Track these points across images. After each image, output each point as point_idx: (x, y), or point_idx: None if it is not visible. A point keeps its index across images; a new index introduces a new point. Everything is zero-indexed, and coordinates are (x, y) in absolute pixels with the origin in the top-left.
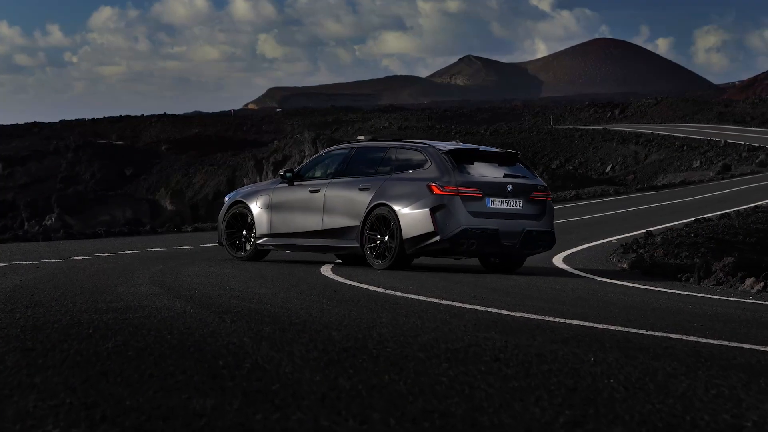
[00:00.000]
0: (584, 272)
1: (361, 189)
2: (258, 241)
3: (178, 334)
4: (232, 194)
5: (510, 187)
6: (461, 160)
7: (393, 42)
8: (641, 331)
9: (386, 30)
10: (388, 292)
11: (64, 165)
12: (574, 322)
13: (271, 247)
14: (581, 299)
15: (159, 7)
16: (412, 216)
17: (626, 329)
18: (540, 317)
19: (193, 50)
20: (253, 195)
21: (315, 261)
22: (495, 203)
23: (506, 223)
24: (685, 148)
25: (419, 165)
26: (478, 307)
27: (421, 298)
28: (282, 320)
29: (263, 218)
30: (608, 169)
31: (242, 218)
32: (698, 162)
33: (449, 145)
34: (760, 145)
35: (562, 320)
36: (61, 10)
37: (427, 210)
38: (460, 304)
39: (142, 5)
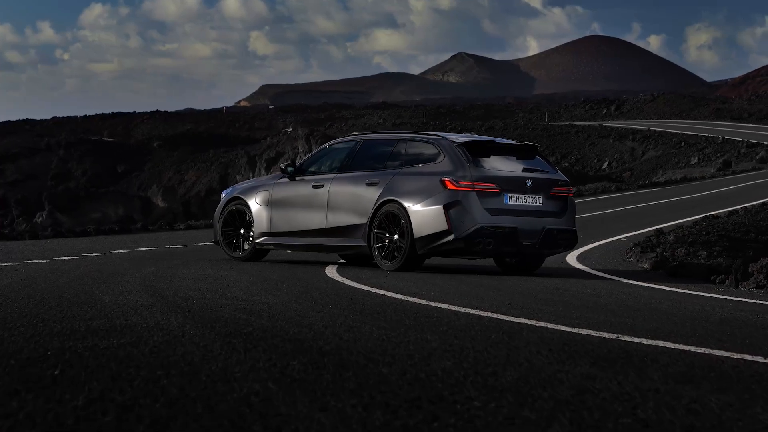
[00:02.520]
0: (606, 273)
1: (369, 184)
2: (257, 241)
3: (177, 375)
4: (228, 190)
5: (529, 182)
6: (477, 153)
7: (385, 39)
8: (758, 359)
9: (378, 27)
10: (411, 300)
11: (55, 162)
12: (661, 343)
13: (270, 247)
14: (630, 308)
15: (149, 4)
16: (424, 213)
17: (738, 356)
18: (612, 335)
19: (184, 48)
20: (251, 191)
21: (317, 261)
22: (513, 199)
23: (525, 220)
24: (682, 144)
25: (431, 159)
26: (527, 321)
27: (452, 308)
28: (308, 347)
29: (262, 216)
30: (605, 165)
31: (240, 216)
32: (696, 159)
33: (463, 137)
34: (758, 142)
35: (644, 341)
36: (51, 7)
37: (440, 207)
38: (504, 317)
39: (133, 2)
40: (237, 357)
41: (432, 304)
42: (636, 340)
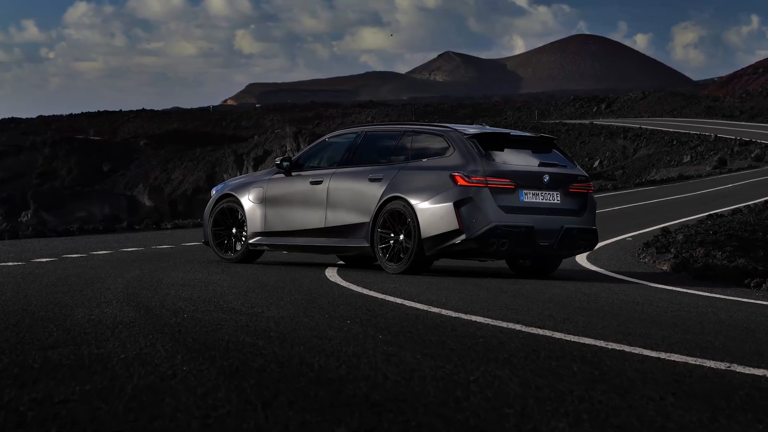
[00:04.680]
0: (627, 276)
1: (372, 180)
2: (250, 241)
3: None
4: (219, 186)
5: (547, 178)
6: (489, 146)
7: (371, 38)
8: None
9: (363, 26)
10: (435, 311)
11: (40, 160)
12: None
13: (265, 248)
14: (691, 321)
15: (134, 2)
16: (432, 211)
17: None
18: (720, 365)
19: (169, 46)
20: (244, 187)
21: (314, 263)
22: (529, 196)
23: (542, 219)
24: (674, 142)
25: (440, 152)
26: (595, 342)
27: (490, 322)
28: (350, 395)
29: (256, 214)
30: (596, 164)
31: (232, 214)
32: (689, 157)
33: (474, 129)
34: (751, 140)
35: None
36: (35, 6)
37: (450, 204)
38: (561, 335)
39: (117, 0)
40: (254, 419)
41: (463, 316)
42: (757, 372)
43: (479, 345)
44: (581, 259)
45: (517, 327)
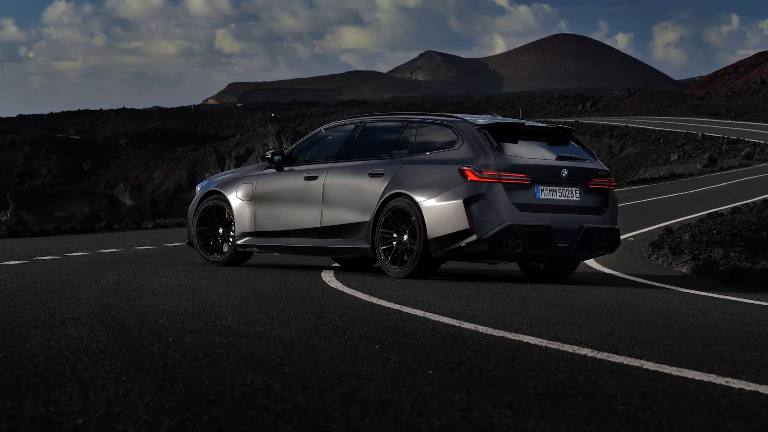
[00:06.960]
0: (645, 279)
1: (372, 175)
2: (238, 242)
3: None
4: (205, 183)
5: (565, 173)
6: (502, 137)
7: (351, 37)
8: None
9: (344, 25)
10: (470, 327)
11: (20, 159)
12: None
13: (255, 249)
14: None
15: (112, 1)
16: (439, 209)
17: None
18: None
19: (149, 45)
20: (232, 183)
21: (307, 264)
22: (546, 193)
23: (560, 218)
24: (661, 141)
25: (447, 145)
26: (704, 377)
27: (547, 344)
28: None
29: (245, 213)
30: None
31: (218, 213)
32: (676, 155)
33: (484, 119)
34: (739, 138)
35: None
36: (14, 5)
37: (459, 201)
38: (650, 365)
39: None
40: None
41: (509, 336)
42: None
43: (566, 386)
44: (589, 260)
45: (587, 352)
